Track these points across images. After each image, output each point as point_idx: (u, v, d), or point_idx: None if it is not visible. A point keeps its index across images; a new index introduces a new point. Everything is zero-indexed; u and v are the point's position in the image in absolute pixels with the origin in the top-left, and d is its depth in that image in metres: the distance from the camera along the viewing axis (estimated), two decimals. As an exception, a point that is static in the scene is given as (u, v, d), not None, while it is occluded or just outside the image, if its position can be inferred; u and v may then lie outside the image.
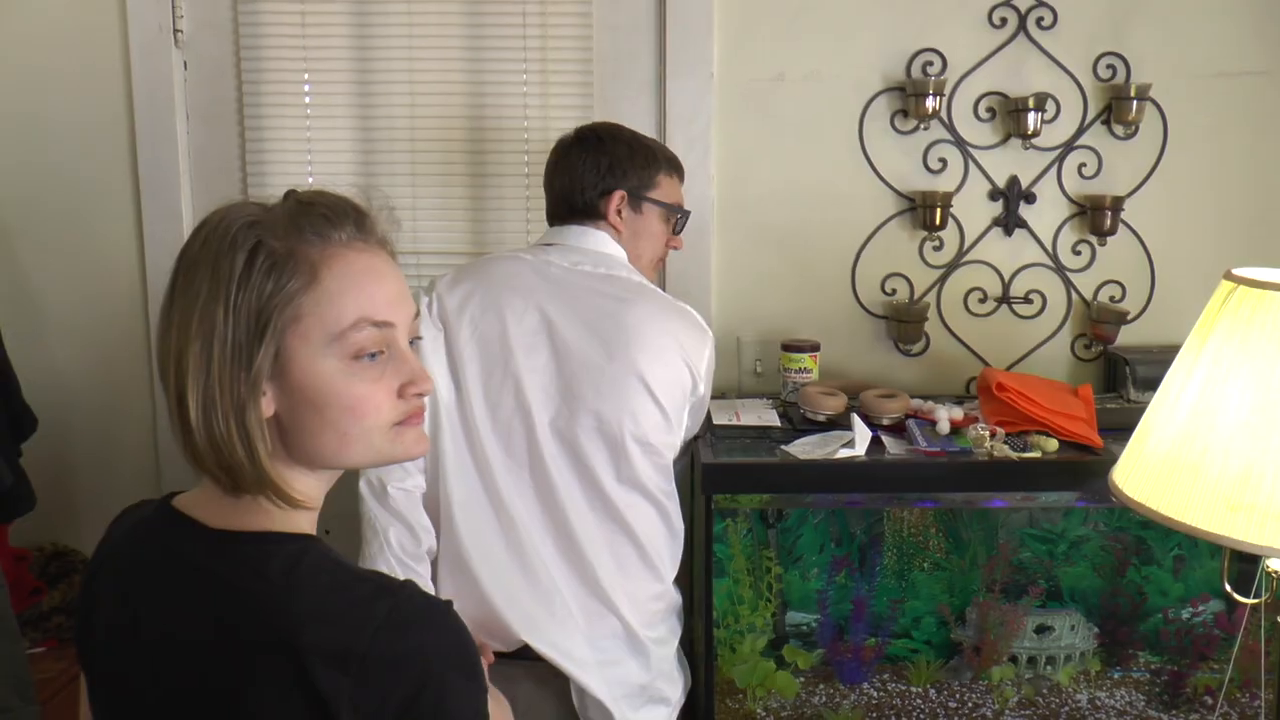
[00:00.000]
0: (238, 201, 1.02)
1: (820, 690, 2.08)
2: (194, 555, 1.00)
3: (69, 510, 2.58)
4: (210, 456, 0.97)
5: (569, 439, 1.78)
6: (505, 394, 1.78)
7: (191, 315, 0.96)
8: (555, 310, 1.79)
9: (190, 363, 0.96)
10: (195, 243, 0.99)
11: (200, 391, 0.96)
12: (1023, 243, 2.45)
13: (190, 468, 1.01)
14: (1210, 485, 1.40)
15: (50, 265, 2.52)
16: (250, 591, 0.97)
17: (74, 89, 2.45)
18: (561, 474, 1.78)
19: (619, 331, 1.78)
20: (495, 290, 1.81)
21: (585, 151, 1.92)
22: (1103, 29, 2.37)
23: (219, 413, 0.96)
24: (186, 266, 0.99)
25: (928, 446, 2.01)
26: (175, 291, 0.99)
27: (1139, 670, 2.09)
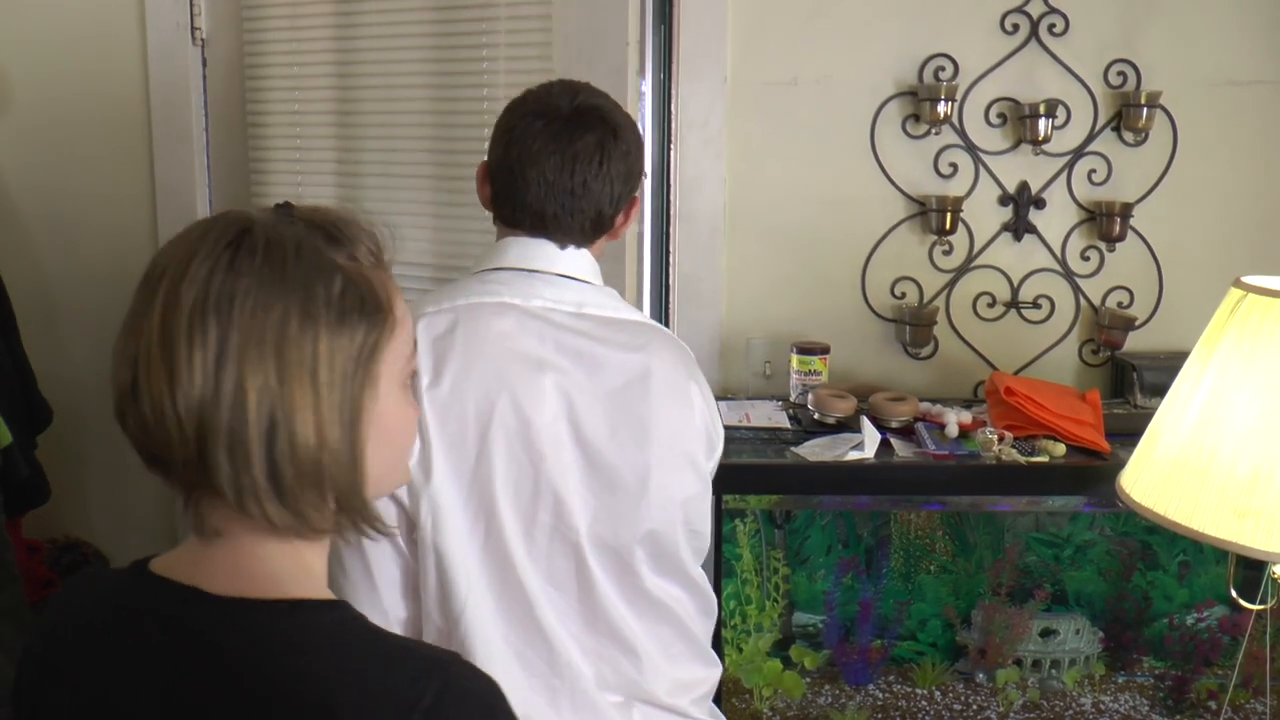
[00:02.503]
0: (238, 211, 0.91)
1: (826, 691, 2.09)
2: (206, 630, 0.87)
3: (81, 503, 2.60)
4: (294, 492, 0.86)
5: (614, 547, 1.39)
6: (542, 510, 1.36)
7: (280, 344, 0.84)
8: (571, 383, 1.37)
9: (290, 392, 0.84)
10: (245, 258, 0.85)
11: (307, 424, 0.85)
12: (1032, 248, 2.46)
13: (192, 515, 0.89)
14: (1217, 491, 1.42)
15: (66, 261, 2.54)
16: (285, 670, 0.85)
17: (93, 87, 2.48)
18: (610, 593, 1.41)
19: (646, 397, 1.39)
20: (498, 363, 1.35)
21: (590, 148, 1.42)
22: (1114, 36, 2.38)
23: (328, 450, 0.86)
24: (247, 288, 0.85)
25: (936, 450, 2.03)
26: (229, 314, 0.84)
27: (1143, 675, 2.10)
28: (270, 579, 0.89)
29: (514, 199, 1.42)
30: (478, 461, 1.33)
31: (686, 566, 1.46)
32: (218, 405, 0.83)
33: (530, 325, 1.38)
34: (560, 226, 1.42)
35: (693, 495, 1.44)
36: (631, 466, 1.38)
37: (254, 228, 0.87)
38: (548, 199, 1.40)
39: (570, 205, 1.41)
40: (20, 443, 2.11)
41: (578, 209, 1.41)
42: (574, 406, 1.36)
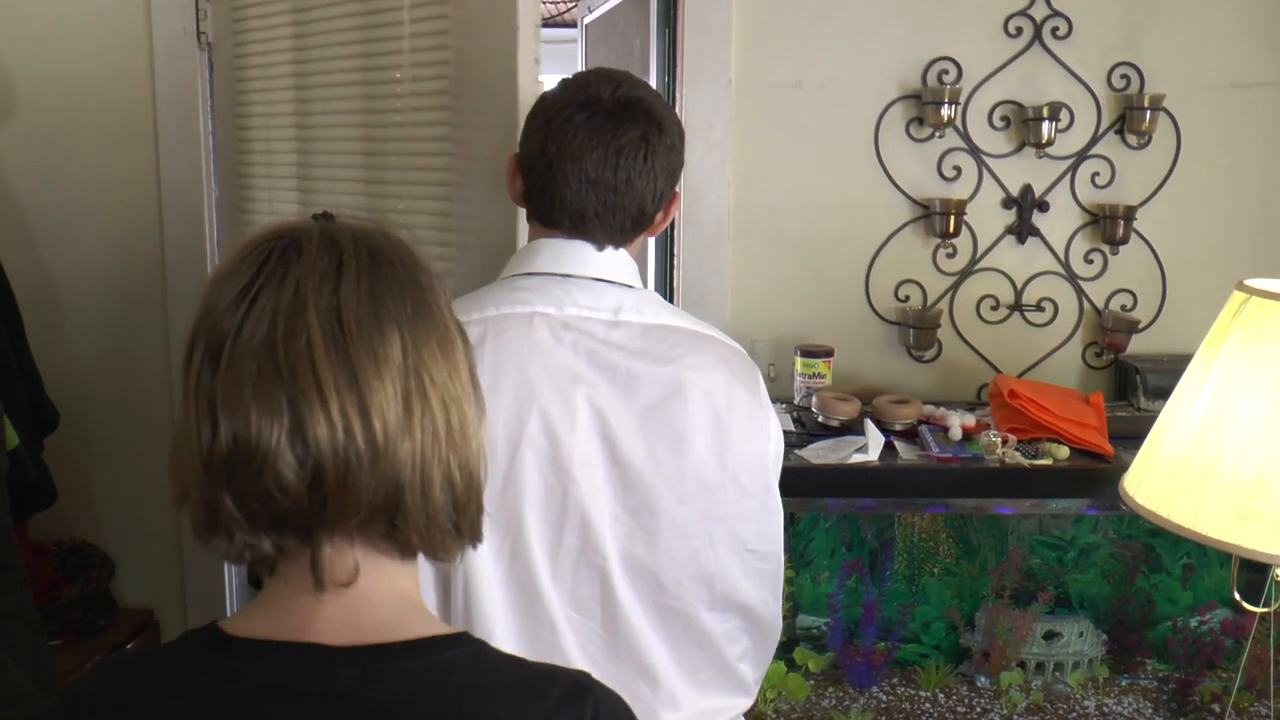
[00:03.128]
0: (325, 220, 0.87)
1: (830, 693, 2.10)
2: (345, 688, 0.81)
3: (87, 505, 2.61)
4: (441, 520, 0.84)
5: (650, 569, 1.32)
6: (568, 533, 1.29)
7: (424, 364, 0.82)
8: (604, 398, 1.29)
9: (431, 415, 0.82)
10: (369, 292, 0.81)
11: (440, 452, 0.82)
12: (1035, 251, 2.47)
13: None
14: (1221, 494, 1.42)
15: (73, 263, 2.55)
16: (445, 709, 0.82)
17: (99, 90, 2.48)
18: (638, 619, 1.34)
19: (684, 411, 1.30)
20: (528, 379, 1.28)
21: (637, 139, 1.33)
22: (1117, 39, 2.39)
23: (459, 469, 0.84)
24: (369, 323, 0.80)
25: (940, 452, 2.03)
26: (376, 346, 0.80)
27: (1147, 678, 2.10)
28: (391, 619, 0.85)
29: (552, 196, 1.34)
30: (505, 481, 1.26)
31: (742, 594, 1.37)
32: (411, 430, 0.80)
33: (563, 337, 1.30)
34: (601, 225, 1.34)
35: (740, 513, 1.35)
36: (670, 485, 1.30)
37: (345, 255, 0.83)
38: (589, 196, 1.32)
39: (612, 203, 1.33)
40: (27, 445, 2.11)
41: (620, 207, 1.33)
42: (608, 424, 1.28)
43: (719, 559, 1.34)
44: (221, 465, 0.78)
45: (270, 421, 0.77)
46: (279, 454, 0.77)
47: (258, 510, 0.79)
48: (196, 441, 0.79)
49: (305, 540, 0.81)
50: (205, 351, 0.80)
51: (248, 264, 0.81)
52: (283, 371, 0.77)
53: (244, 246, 0.83)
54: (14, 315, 2.27)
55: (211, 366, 0.79)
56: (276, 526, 0.80)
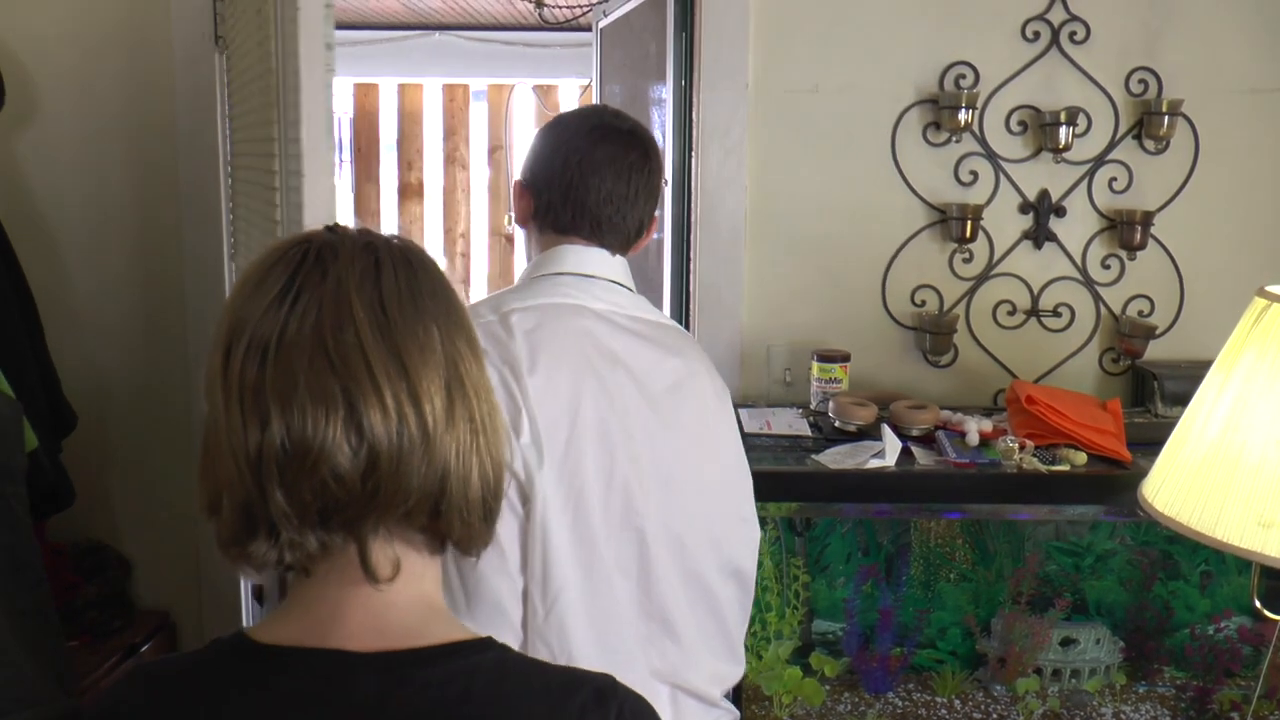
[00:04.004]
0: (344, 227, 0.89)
1: (846, 698, 2.09)
2: (376, 692, 0.82)
3: (104, 506, 2.62)
4: (474, 509, 0.85)
5: (677, 535, 1.45)
6: (614, 495, 1.41)
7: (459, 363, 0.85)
8: (633, 381, 1.45)
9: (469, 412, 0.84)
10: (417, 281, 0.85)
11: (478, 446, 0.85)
12: (1052, 256, 2.46)
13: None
14: (1242, 501, 1.41)
15: (91, 266, 2.56)
16: (470, 715, 0.82)
17: (119, 94, 2.49)
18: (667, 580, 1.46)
19: (692, 396, 1.50)
20: (581, 358, 1.43)
21: (641, 157, 1.52)
22: (1135, 44, 2.38)
23: (491, 464, 0.86)
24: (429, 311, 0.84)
25: (957, 458, 2.03)
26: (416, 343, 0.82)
27: (1164, 685, 2.09)
28: (415, 624, 0.86)
29: (575, 205, 1.49)
30: (567, 447, 1.38)
31: (739, 559, 1.52)
32: (453, 421, 0.83)
33: (600, 326, 1.46)
34: (613, 231, 1.51)
35: (734, 482, 1.53)
36: (686, 457, 1.46)
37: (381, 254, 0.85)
38: (605, 204, 1.49)
39: (624, 211, 1.50)
40: (45, 446, 2.12)
41: (629, 215, 1.51)
42: (640, 402, 1.43)
43: (725, 525, 1.50)
44: (272, 461, 0.78)
45: (325, 412, 0.78)
46: (336, 444, 0.78)
47: (310, 504, 0.79)
48: (242, 441, 0.79)
49: (350, 535, 0.82)
50: (247, 352, 0.79)
51: (281, 267, 0.82)
52: (334, 362, 0.78)
53: (269, 255, 0.85)
54: (33, 317, 2.28)
55: (258, 364, 0.79)
56: (325, 521, 0.80)
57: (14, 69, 2.37)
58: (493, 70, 5.58)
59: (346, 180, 6.15)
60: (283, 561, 0.82)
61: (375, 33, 5.35)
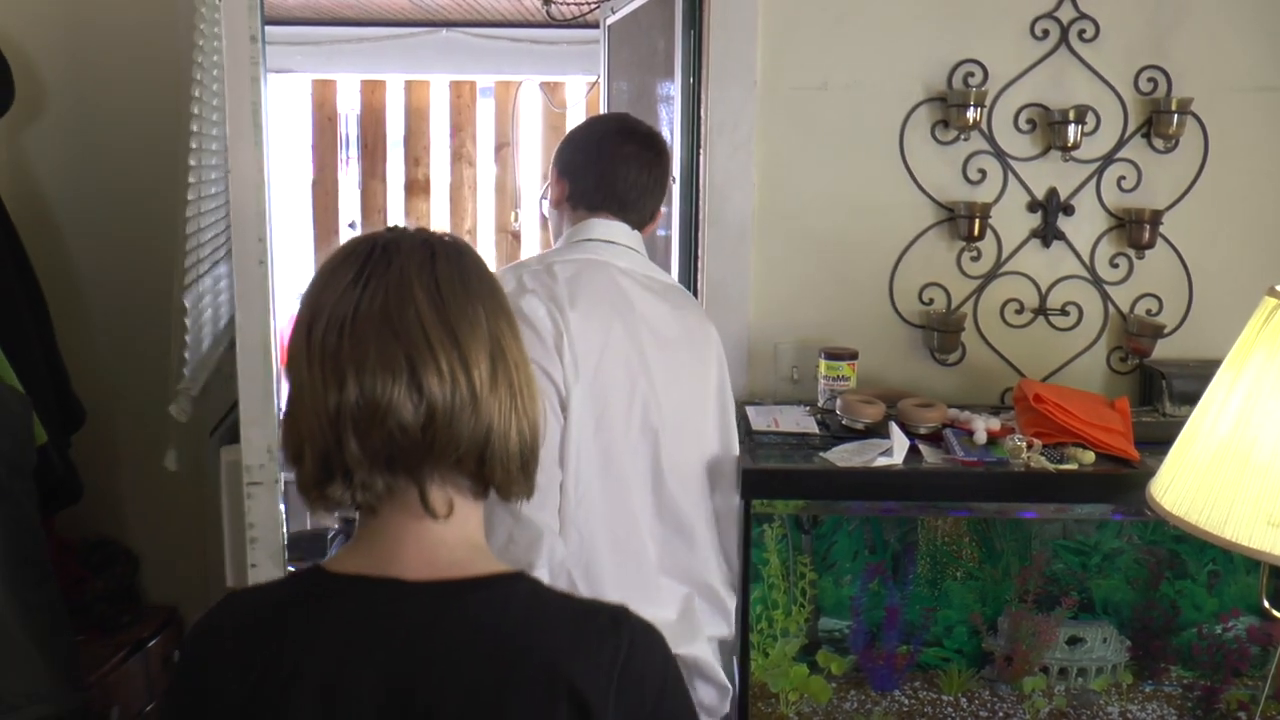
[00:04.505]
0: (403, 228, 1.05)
1: (852, 696, 2.09)
2: (423, 615, 0.98)
3: (112, 501, 2.62)
4: (513, 461, 1.01)
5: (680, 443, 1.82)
6: (635, 406, 1.77)
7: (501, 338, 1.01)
8: (650, 325, 1.81)
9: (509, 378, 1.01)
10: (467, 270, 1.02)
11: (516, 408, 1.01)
12: (1060, 255, 2.46)
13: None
14: (1251, 500, 1.41)
15: (100, 262, 2.56)
16: (506, 641, 0.98)
17: (126, 90, 2.50)
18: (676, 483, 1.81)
19: (697, 344, 1.89)
20: (611, 300, 1.79)
21: (658, 156, 1.91)
22: (1144, 42, 2.38)
23: (528, 424, 1.03)
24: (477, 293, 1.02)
25: (965, 456, 2.02)
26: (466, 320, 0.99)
27: (1171, 684, 2.09)
28: (462, 558, 1.02)
29: (606, 188, 1.87)
30: (596, 370, 1.73)
31: (733, 488, 1.92)
32: (496, 386, 0.99)
33: (624, 280, 1.83)
34: (635, 209, 1.88)
35: (721, 409, 1.91)
36: (688, 386, 1.85)
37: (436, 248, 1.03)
38: (632, 189, 1.87)
39: (642, 196, 1.88)
40: (54, 441, 2.13)
41: (646, 199, 1.89)
42: (653, 339, 1.80)
43: (717, 446, 1.90)
44: (348, 416, 0.95)
45: (391, 376, 0.95)
46: (400, 401, 0.95)
47: (379, 451, 0.96)
48: (323, 401, 0.96)
49: (411, 478, 0.98)
50: (327, 328, 0.97)
51: (353, 259, 1.00)
52: (399, 335, 0.96)
53: (343, 250, 1.03)
54: (42, 313, 2.28)
55: (336, 337, 0.96)
56: (390, 466, 0.97)
57: (22, 67, 2.37)
58: (500, 67, 5.57)
59: (353, 177, 6.15)
60: (355, 501, 0.99)
61: (382, 29, 5.35)
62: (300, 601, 1.01)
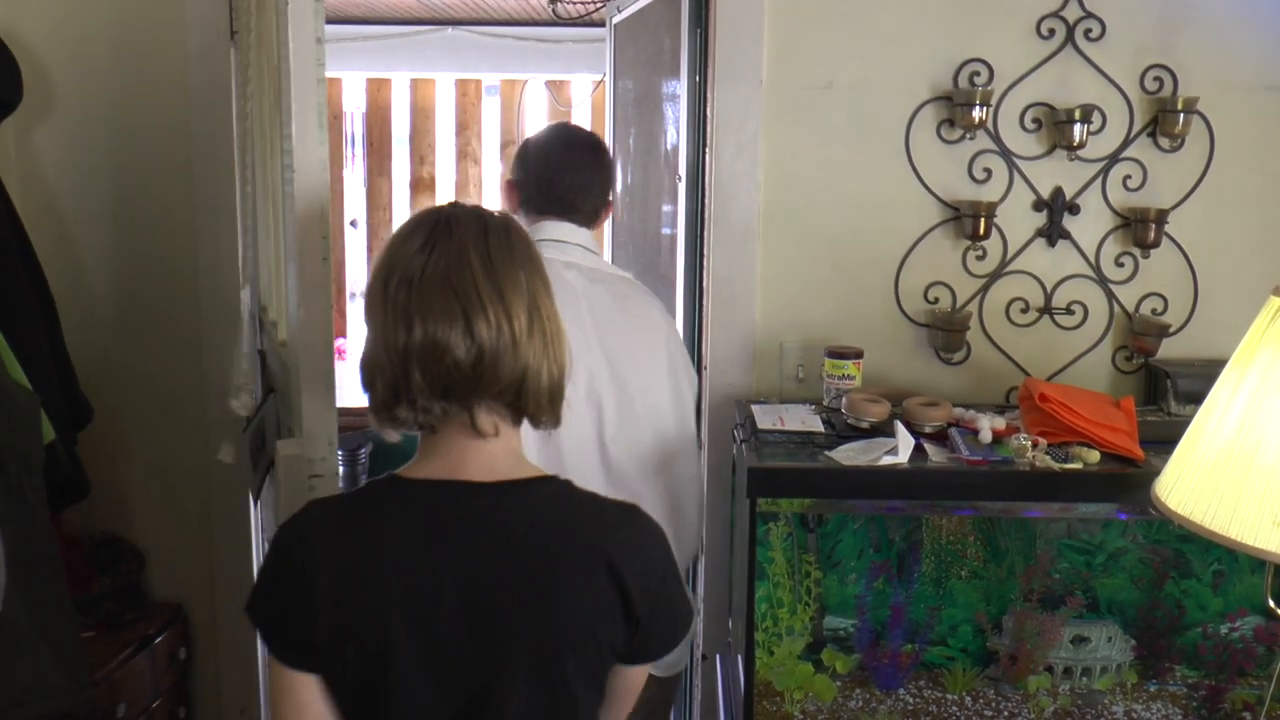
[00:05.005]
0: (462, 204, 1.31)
1: (857, 695, 2.10)
2: (492, 508, 1.26)
3: (119, 498, 2.63)
4: (544, 396, 1.27)
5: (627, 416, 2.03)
6: (580, 377, 1.97)
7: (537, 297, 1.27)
8: (595, 309, 2.04)
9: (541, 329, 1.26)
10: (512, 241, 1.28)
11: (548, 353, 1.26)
12: (1066, 254, 2.46)
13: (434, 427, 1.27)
14: (1256, 500, 1.41)
15: (107, 259, 2.57)
16: (561, 526, 1.28)
17: (134, 89, 2.51)
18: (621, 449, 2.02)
19: (639, 330, 2.09)
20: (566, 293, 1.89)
21: (604, 159, 2.15)
22: (1151, 41, 2.38)
23: (556, 366, 1.28)
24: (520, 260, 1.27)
25: (970, 455, 2.02)
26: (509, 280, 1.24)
27: (1176, 684, 2.09)
28: (511, 466, 1.29)
29: (548, 193, 2.09)
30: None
31: (694, 458, 2.16)
32: (532, 335, 1.24)
33: (571, 273, 2.03)
34: (579, 209, 2.09)
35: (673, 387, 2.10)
36: (634, 364, 2.04)
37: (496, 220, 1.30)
38: (570, 190, 2.09)
39: (584, 195, 2.10)
40: (61, 439, 2.14)
41: (590, 197, 2.11)
42: (598, 322, 2.02)
43: (672, 420, 2.08)
44: (415, 353, 1.21)
45: (450, 323, 1.21)
46: (456, 343, 1.21)
47: (438, 381, 1.22)
48: (395, 340, 1.21)
49: (463, 405, 1.24)
50: (400, 281, 1.23)
51: (423, 228, 1.26)
52: (457, 292, 1.22)
53: (414, 220, 1.29)
54: (50, 311, 2.29)
55: (406, 292, 1.22)
56: (446, 395, 1.23)
57: (30, 66, 2.38)
58: (505, 65, 5.58)
59: (359, 174, 6.16)
60: (416, 422, 1.25)
61: (388, 28, 5.35)
62: (384, 500, 1.27)
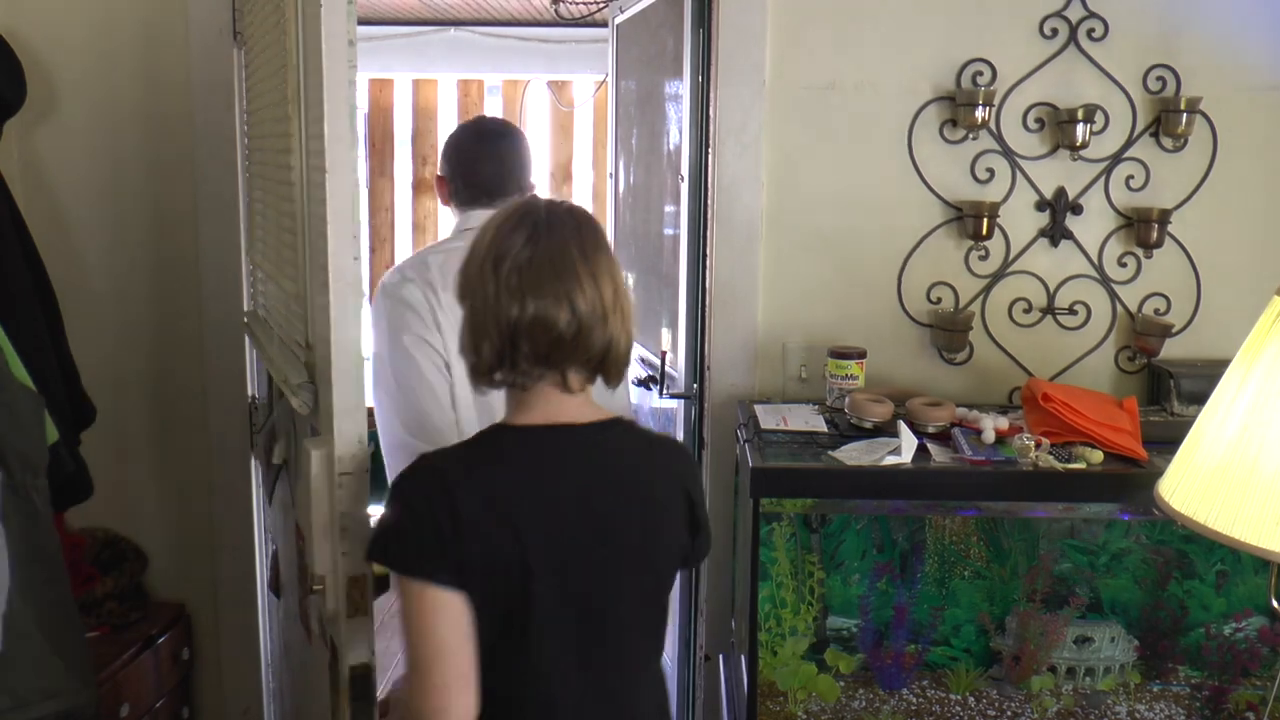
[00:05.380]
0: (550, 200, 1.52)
1: (860, 695, 2.10)
2: (597, 442, 1.50)
3: (122, 499, 2.63)
4: (621, 360, 1.50)
5: None
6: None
7: (616, 278, 1.48)
8: None
9: (621, 305, 1.47)
10: (598, 232, 1.50)
11: (625, 325, 1.48)
12: (1068, 254, 2.46)
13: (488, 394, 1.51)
14: (1260, 500, 1.41)
15: (110, 260, 2.57)
16: (648, 457, 1.55)
17: (137, 88, 2.51)
18: None
19: None
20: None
21: (515, 143, 2.27)
22: (1153, 41, 2.38)
23: (628, 335, 1.49)
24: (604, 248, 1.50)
25: (973, 455, 2.02)
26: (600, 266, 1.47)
27: (1179, 684, 2.09)
28: (592, 412, 1.50)
29: (470, 185, 2.21)
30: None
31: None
32: (615, 310, 1.46)
33: None
34: (502, 194, 2.17)
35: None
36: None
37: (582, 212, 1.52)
38: (492, 179, 2.20)
39: (505, 180, 2.20)
40: (65, 439, 2.14)
41: (510, 181, 2.21)
42: None
43: None
44: (525, 327, 1.42)
45: (557, 302, 1.42)
46: (560, 318, 1.42)
47: (542, 350, 1.43)
48: (506, 315, 1.42)
49: (558, 369, 1.46)
50: (511, 267, 1.43)
51: (525, 224, 1.46)
52: (561, 275, 1.43)
53: (514, 216, 1.48)
54: (54, 311, 2.29)
55: (518, 275, 1.42)
56: (546, 361, 1.44)
57: (34, 66, 2.38)
58: (507, 66, 5.58)
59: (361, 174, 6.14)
60: (511, 382, 1.47)
61: (391, 28, 5.35)
62: (504, 444, 1.47)
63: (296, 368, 1.76)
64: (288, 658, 2.43)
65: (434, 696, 1.37)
